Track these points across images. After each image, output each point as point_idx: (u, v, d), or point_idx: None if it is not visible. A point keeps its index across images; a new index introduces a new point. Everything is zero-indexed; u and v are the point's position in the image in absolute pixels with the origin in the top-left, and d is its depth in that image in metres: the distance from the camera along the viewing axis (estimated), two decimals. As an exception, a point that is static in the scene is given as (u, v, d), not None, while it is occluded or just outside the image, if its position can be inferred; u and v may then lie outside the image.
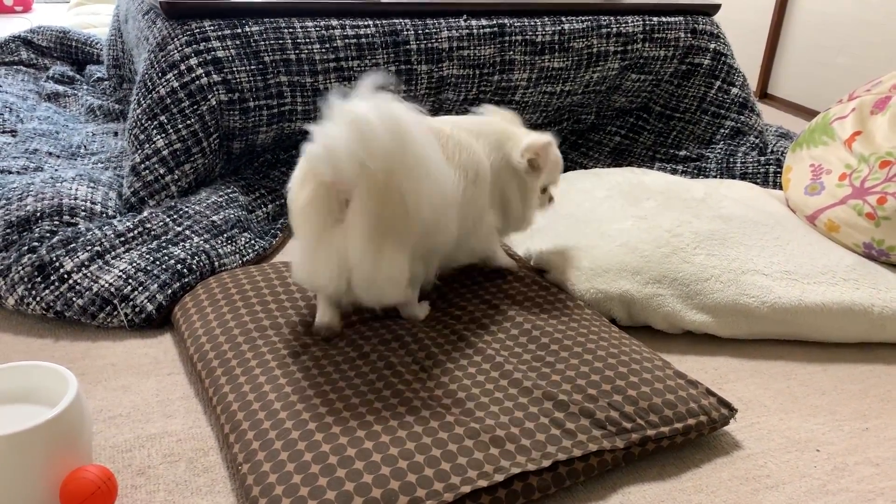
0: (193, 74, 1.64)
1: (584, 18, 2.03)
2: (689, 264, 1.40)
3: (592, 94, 2.13)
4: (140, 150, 1.62)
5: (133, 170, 1.61)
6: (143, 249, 1.43)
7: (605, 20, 2.05)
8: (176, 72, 1.64)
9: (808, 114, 3.01)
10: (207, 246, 1.47)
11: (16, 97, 2.22)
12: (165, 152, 1.62)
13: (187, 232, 1.50)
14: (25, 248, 1.36)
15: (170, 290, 1.35)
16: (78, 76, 2.55)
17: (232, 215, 1.58)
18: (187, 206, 1.57)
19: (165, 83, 1.64)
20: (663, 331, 1.38)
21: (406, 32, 1.83)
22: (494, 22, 1.93)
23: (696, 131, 2.21)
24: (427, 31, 1.85)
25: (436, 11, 1.89)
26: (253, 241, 1.57)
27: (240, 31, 1.69)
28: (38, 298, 1.31)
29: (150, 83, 1.66)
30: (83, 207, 1.50)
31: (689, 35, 2.17)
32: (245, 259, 1.51)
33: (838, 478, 1.07)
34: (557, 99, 2.07)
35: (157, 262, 1.39)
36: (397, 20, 1.84)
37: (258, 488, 0.91)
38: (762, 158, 2.09)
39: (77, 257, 1.36)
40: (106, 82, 2.49)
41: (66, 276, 1.33)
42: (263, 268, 1.39)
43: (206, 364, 1.15)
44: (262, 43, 1.70)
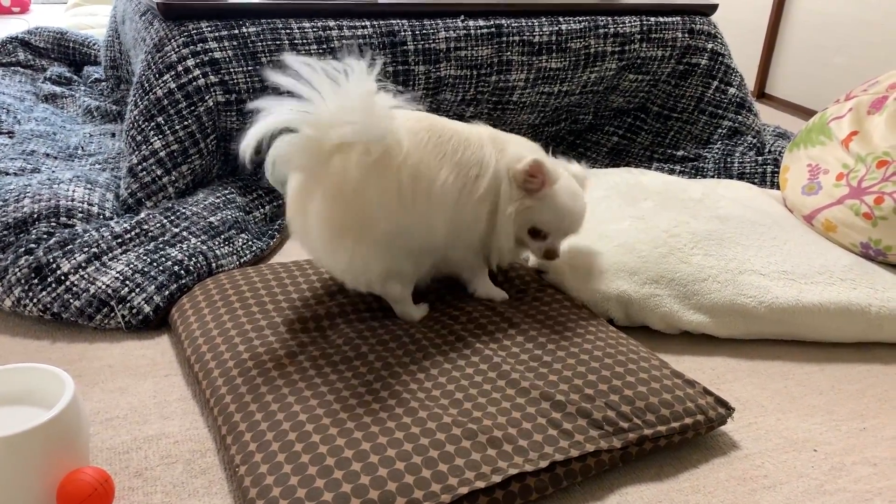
0: (191, 75, 1.64)
1: (581, 19, 2.03)
2: (687, 264, 1.40)
3: (590, 95, 2.13)
4: (137, 152, 1.62)
5: (130, 171, 1.61)
6: (141, 251, 1.43)
7: (602, 20, 2.05)
8: (173, 73, 1.64)
9: (806, 113, 3.01)
10: (205, 247, 1.46)
11: (13, 98, 2.22)
12: (163, 153, 1.62)
13: (184, 233, 1.50)
14: (22, 249, 1.36)
15: (167, 292, 1.35)
16: (75, 77, 2.55)
17: (229, 216, 1.58)
18: (184, 208, 1.57)
19: (163, 84, 1.64)
20: (661, 331, 1.38)
21: (403, 33, 1.83)
22: (492, 22, 1.93)
23: (693, 131, 2.21)
24: (424, 31, 1.85)
25: (433, 12, 1.89)
26: (250, 243, 1.57)
27: (237, 32, 1.69)
28: (35, 300, 1.31)
29: (147, 84, 1.66)
30: (80, 209, 1.49)
31: (686, 35, 2.17)
32: (242, 260, 1.51)
33: (836, 478, 1.07)
34: (555, 99, 2.08)
35: (155, 264, 1.39)
36: (394, 21, 1.84)
37: (255, 490, 0.90)
38: (760, 158, 2.09)
39: (74, 259, 1.36)
40: (103, 83, 2.49)
41: (63, 277, 1.33)
42: (261, 269, 1.39)
43: (203, 365, 1.15)
44: (260, 44, 1.70)
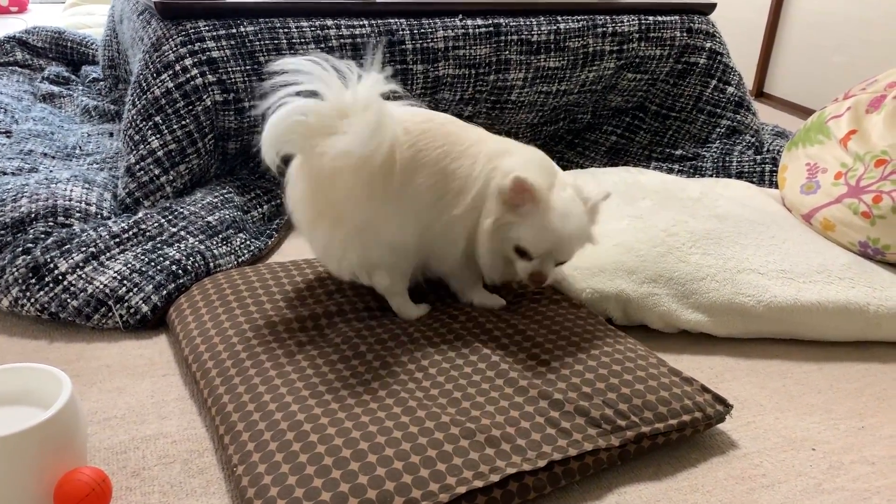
0: (188, 75, 1.64)
1: (579, 18, 2.03)
2: (685, 263, 1.40)
3: (588, 94, 2.13)
4: (135, 151, 1.62)
5: (128, 170, 1.61)
6: (138, 250, 1.43)
7: (600, 19, 2.05)
8: (171, 72, 1.64)
9: (804, 112, 3.01)
10: (202, 247, 1.46)
11: (11, 98, 2.22)
12: (160, 153, 1.62)
13: (182, 233, 1.49)
14: (20, 249, 1.35)
15: (165, 291, 1.35)
16: (73, 77, 2.55)
17: (227, 216, 1.58)
18: (182, 207, 1.57)
19: (160, 83, 1.64)
20: (659, 330, 1.38)
21: (401, 32, 1.83)
22: (490, 21, 1.93)
23: (692, 130, 2.21)
24: (423, 30, 1.85)
25: (431, 11, 1.89)
26: (248, 242, 1.56)
27: (234, 31, 1.69)
28: (32, 300, 1.30)
29: (145, 84, 1.66)
30: (78, 208, 1.49)
31: (684, 34, 2.17)
32: (240, 260, 1.50)
33: (834, 476, 1.07)
34: (553, 98, 2.07)
35: (152, 263, 1.39)
36: (392, 20, 1.84)
37: (253, 490, 0.90)
38: (758, 157, 2.09)
39: (72, 258, 1.36)
40: (101, 83, 2.49)
41: (60, 277, 1.33)
42: (259, 269, 1.39)
43: (200, 365, 1.15)
44: (257, 43, 1.69)
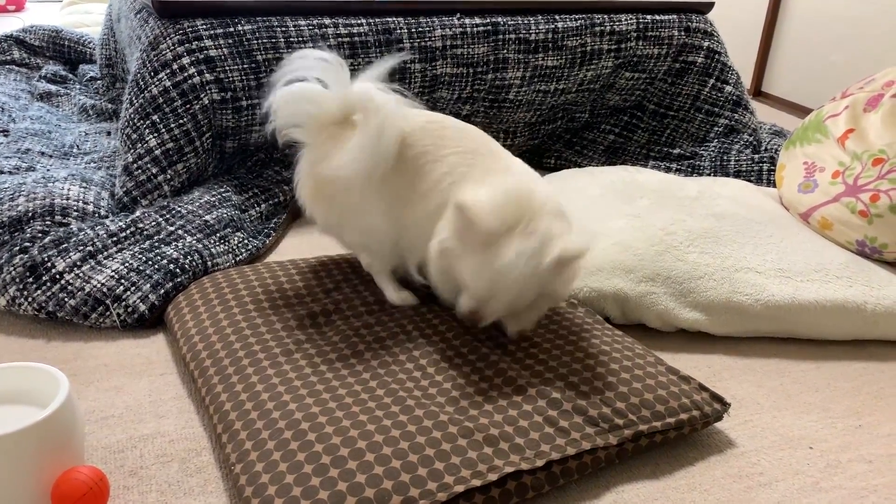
0: (186, 73, 1.64)
1: (577, 17, 2.03)
2: (683, 262, 1.40)
3: (586, 93, 2.13)
4: (132, 150, 1.62)
5: (125, 169, 1.61)
6: (136, 249, 1.42)
7: (598, 18, 2.05)
8: (168, 71, 1.64)
9: (802, 111, 3.01)
10: (200, 246, 1.46)
11: (8, 96, 2.21)
12: (158, 152, 1.61)
13: (180, 231, 1.49)
14: (17, 248, 1.35)
15: (162, 290, 1.34)
16: (70, 75, 2.55)
17: (225, 215, 1.58)
18: (180, 206, 1.56)
19: (158, 82, 1.64)
20: (657, 329, 1.38)
21: (399, 31, 1.83)
22: (488, 20, 1.92)
23: (689, 129, 2.21)
24: (420, 29, 1.85)
25: (429, 10, 1.89)
26: (246, 241, 1.56)
27: (232, 29, 1.69)
28: (29, 299, 1.30)
29: (142, 82, 1.65)
30: (75, 207, 1.49)
31: (682, 33, 2.17)
32: (238, 259, 1.50)
33: (831, 475, 1.07)
34: (551, 97, 2.07)
35: (150, 262, 1.39)
36: (390, 18, 1.84)
37: (251, 488, 0.90)
38: (756, 156, 2.10)
39: (69, 257, 1.36)
40: (98, 81, 2.48)
41: (58, 276, 1.33)
42: (257, 267, 1.39)
43: (198, 364, 1.15)
44: (255, 42, 1.69)
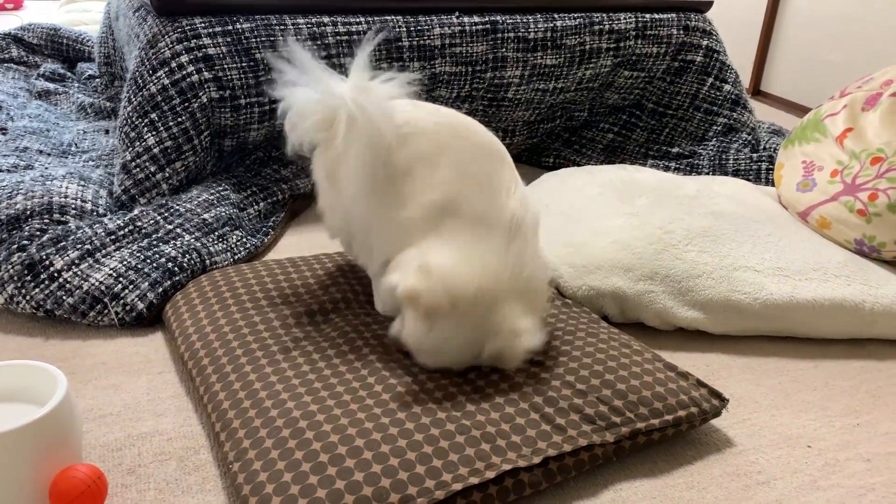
0: (184, 72, 1.64)
1: (576, 15, 2.03)
2: (681, 261, 1.40)
3: (585, 91, 2.13)
4: (131, 148, 1.62)
5: (124, 168, 1.61)
6: (134, 248, 1.42)
7: (597, 17, 2.05)
8: (167, 69, 1.64)
9: (801, 110, 3.01)
10: (198, 244, 1.46)
11: (6, 95, 2.21)
12: (156, 150, 1.61)
13: (178, 230, 1.49)
14: (15, 246, 1.35)
15: (161, 289, 1.34)
16: (69, 74, 2.54)
17: (223, 213, 1.58)
18: (178, 204, 1.56)
19: (156, 80, 1.64)
20: (655, 327, 1.38)
21: (398, 29, 1.83)
22: (487, 19, 1.92)
23: (688, 128, 2.21)
24: (419, 28, 1.85)
25: (428, 8, 1.89)
26: (244, 240, 1.56)
27: (231, 28, 1.68)
28: (27, 297, 1.30)
29: (140, 81, 1.65)
30: (73, 206, 1.49)
31: (681, 32, 2.17)
32: (236, 257, 1.50)
33: (829, 473, 1.07)
34: (550, 96, 2.07)
35: (148, 261, 1.39)
36: (389, 17, 1.84)
37: (248, 487, 0.90)
38: (754, 155, 2.10)
39: (67, 256, 1.36)
40: (97, 80, 2.48)
41: (56, 274, 1.32)
42: (255, 266, 1.39)
43: (196, 362, 1.15)
44: (254, 40, 1.69)
